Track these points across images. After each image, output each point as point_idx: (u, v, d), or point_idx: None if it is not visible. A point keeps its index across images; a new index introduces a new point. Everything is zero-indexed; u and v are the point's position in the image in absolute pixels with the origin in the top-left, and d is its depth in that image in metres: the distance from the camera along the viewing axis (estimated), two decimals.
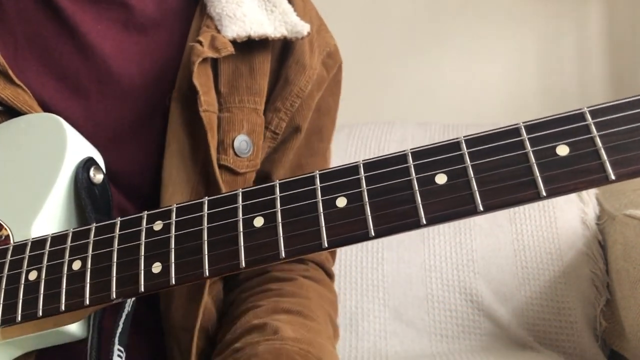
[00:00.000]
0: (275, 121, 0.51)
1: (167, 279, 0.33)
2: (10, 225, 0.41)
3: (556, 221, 0.93)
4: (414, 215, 0.29)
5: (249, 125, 0.49)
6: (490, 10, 1.33)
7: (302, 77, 0.51)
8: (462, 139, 0.30)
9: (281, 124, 0.51)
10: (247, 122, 0.49)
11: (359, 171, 0.31)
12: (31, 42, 0.47)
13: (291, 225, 0.31)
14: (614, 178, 0.26)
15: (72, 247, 0.36)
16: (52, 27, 0.47)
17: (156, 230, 0.34)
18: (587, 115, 0.28)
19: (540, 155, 0.28)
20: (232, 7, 0.48)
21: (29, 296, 0.36)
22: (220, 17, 0.48)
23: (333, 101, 0.58)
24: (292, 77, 0.51)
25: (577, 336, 0.86)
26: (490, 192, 0.28)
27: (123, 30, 0.48)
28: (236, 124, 0.48)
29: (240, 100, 0.49)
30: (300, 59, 0.51)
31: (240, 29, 0.47)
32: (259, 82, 0.49)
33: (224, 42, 0.46)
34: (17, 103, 0.44)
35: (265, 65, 0.50)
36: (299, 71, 0.51)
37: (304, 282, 0.52)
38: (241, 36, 0.47)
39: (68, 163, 0.42)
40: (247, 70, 0.49)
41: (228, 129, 0.48)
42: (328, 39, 0.56)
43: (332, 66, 0.56)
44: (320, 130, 0.56)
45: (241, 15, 0.48)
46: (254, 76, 0.49)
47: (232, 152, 0.48)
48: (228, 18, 0.47)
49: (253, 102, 0.49)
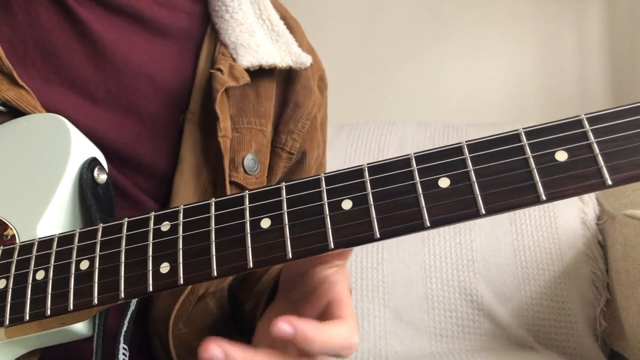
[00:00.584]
0: (290, 142, 0.54)
1: (175, 279, 0.33)
2: (16, 225, 0.41)
3: (556, 221, 0.93)
4: (418, 218, 0.30)
5: (256, 145, 0.52)
6: (490, 10, 1.33)
7: (309, 101, 0.54)
8: (464, 143, 0.31)
9: (295, 145, 0.55)
10: (255, 142, 0.51)
11: (364, 174, 0.32)
12: (41, 48, 0.47)
13: (298, 227, 0.32)
14: (610, 183, 0.27)
15: (79, 247, 0.37)
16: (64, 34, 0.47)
17: (164, 230, 0.35)
18: (584, 122, 0.29)
19: (540, 161, 0.29)
20: (246, 37, 0.51)
21: (36, 295, 0.36)
22: (235, 46, 0.50)
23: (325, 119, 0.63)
24: (302, 101, 0.54)
25: (577, 336, 0.86)
26: (491, 196, 0.29)
27: (136, 39, 0.49)
28: (245, 143, 0.51)
29: (249, 122, 0.51)
30: (307, 84, 0.55)
31: (254, 59, 0.50)
32: (264, 105, 0.52)
33: (241, 72, 0.49)
34: (21, 104, 0.44)
35: (271, 90, 0.53)
36: (306, 95, 0.54)
37: None
38: (254, 65, 0.50)
39: (72, 163, 0.42)
40: (253, 95, 0.52)
41: (238, 148, 0.50)
42: (319, 64, 0.60)
43: (324, 88, 0.61)
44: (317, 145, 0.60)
45: (255, 46, 0.51)
46: (260, 100, 0.52)
47: (243, 169, 0.50)
48: (243, 48, 0.50)
49: (259, 124, 0.52)
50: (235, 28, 0.51)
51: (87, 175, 0.42)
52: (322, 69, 0.61)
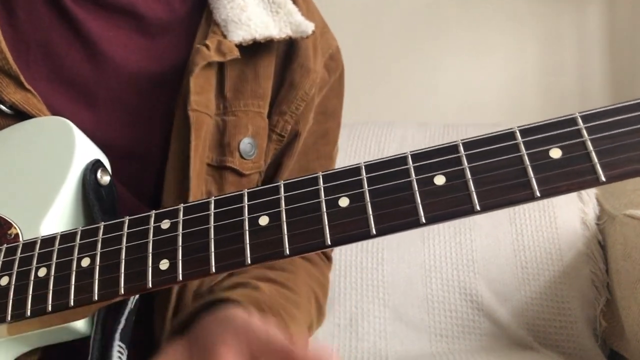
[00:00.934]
0: (281, 124, 0.52)
1: (174, 275, 0.34)
2: (20, 224, 0.41)
3: (556, 221, 0.93)
4: (414, 214, 0.30)
5: (253, 128, 0.50)
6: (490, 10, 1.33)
7: (307, 81, 0.52)
8: (459, 142, 0.31)
9: (287, 127, 0.52)
10: (252, 125, 0.50)
11: (361, 172, 0.32)
12: (43, 49, 0.47)
13: (295, 224, 0.32)
14: (604, 180, 0.28)
15: (80, 244, 0.37)
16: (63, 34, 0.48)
17: (164, 228, 0.35)
18: (578, 120, 0.29)
19: (535, 158, 0.29)
20: (237, 13, 0.49)
21: (38, 292, 0.37)
22: (226, 23, 0.49)
23: (338, 103, 0.59)
24: (297, 81, 0.52)
25: (577, 336, 0.86)
26: (487, 193, 0.29)
27: (133, 37, 0.49)
28: (242, 127, 0.49)
29: (245, 104, 0.50)
30: (305, 62, 0.52)
31: (246, 33, 0.48)
32: (262, 86, 0.51)
33: (230, 47, 0.47)
34: (27, 107, 0.45)
35: (270, 68, 0.51)
36: (303, 75, 0.52)
37: (296, 259, 0.53)
38: (247, 40, 0.48)
39: (76, 165, 0.43)
40: (252, 75, 0.50)
41: (234, 132, 0.49)
42: (330, 41, 0.57)
43: (335, 68, 0.57)
44: (326, 133, 0.58)
45: (246, 20, 0.49)
46: (258, 80, 0.50)
47: (238, 154, 0.49)
48: (233, 23, 0.48)
49: (257, 105, 0.50)
50: (225, 5, 0.49)
51: (90, 176, 0.42)
52: (335, 46, 0.57)
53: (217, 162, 0.49)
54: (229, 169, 0.49)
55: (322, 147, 0.57)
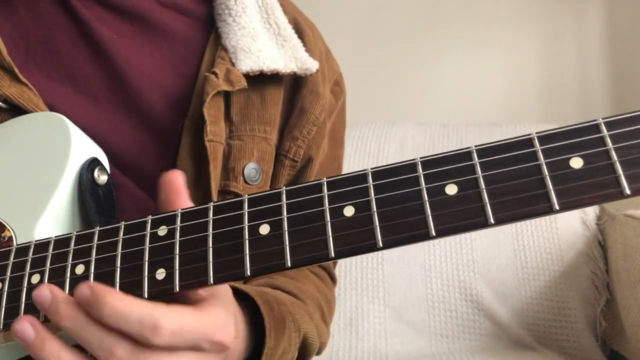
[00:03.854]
0: (294, 149, 0.53)
1: (171, 285, 0.32)
2: (14, 226, 0.40)
3: (556, 221, 0.93)
4: (424, 226, 0.28)
5: (259, 153, 0.50)
6: (490, 10, 1.32)
7: (317, 106, 0.53)
8: (473, 148, 0.29)
9: (299, 152, 0.53)
10: (257, 150, 0.50)
11: (367, 179, 0.30)
12: (43, 46, 0.47)
13: (297, 234, 0.31)
14: (629, 193, 0.25)
15: (75, 250, 0.36)
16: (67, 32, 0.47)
17: (161, 235, 0.34)
18: (602, 126, 0.27)
19: (554, 168, 0.27)
20: (247, 41, 0.49)
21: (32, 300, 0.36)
22: (235, 50, 0.49)
23: (343, 130, 0.61)
24: (308, 106, 0.52)
25: (577, 336, 0.86)
26: (501, 205, 0.27)
27: (137, 41, 0.49)
28: (247, 152, 0.49)
29: (252, 129, 0.50)
30: (314, 88, 0.53)
31: (254, 64, 0.48)
32: (270, 112, 0.51)
33: (238, 76, 0.48)
34: (23, 101, 0.44)
35: (277, 95, 0.52)
36: (313, 100, 0.52)
37: (307, 272, 0.53)
38: (254, 70, 0.48)
39: (72, 163, 0.42)
40: (258, 101, 0.50)
41: (239, 156, 0.49)
42: (335, 68, 0.58)
43: (340, 93, 0.59)
44: (335, 158, 0.59)
45: (256, 50, 0.49)
46: (265, 106, 0.51)
47: (242, 179, 0.49)
48: (243, 52, 0.49)
49: (264, 131, 0.51)
50: (236, 32, 0.50)
51: (86, 176, 0.41)
52: (339, 73, 0.59)
53: (222, 186, 0.49)
54: (232, 194, 0.49)
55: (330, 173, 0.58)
